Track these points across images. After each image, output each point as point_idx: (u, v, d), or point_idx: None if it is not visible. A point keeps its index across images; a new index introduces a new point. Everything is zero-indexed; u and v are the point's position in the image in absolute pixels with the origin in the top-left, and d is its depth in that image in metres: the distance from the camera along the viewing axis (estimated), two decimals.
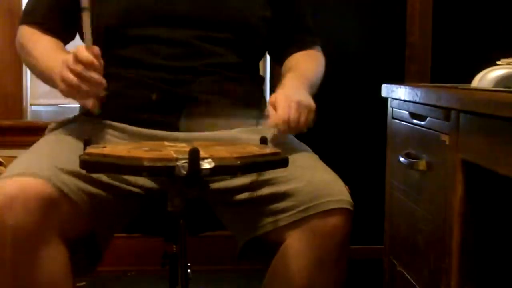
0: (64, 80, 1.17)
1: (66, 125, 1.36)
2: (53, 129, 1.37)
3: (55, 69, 1.21)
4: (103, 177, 1.19)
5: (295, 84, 1.33)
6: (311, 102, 1.26)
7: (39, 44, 1.35)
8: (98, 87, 1.17)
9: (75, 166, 1.09)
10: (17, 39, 1.41)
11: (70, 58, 1.16)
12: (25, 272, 1.09)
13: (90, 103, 1.20)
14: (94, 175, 1.17)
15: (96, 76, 1.15)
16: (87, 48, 1.16)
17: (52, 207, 1.08)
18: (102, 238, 1.23)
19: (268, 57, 2.10)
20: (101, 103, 1.22)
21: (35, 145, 1.27)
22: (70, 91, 1.18)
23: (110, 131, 1.32)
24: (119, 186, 1.21)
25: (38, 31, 1.38)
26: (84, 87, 1.16)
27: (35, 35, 1.38)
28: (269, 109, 1.24)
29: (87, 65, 1.14)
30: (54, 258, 1.11)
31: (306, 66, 1.45)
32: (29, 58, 1.36)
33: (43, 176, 1.09)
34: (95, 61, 1.15)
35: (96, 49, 1.16)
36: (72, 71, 1.15)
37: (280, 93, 1.27)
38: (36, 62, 1.33)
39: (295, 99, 1.23)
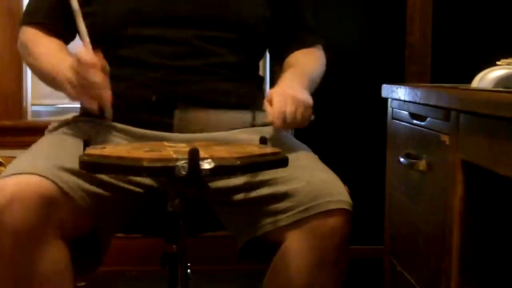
0: (70, 82, 1.19)
1: (66, 125, 1.36)
2: (53, 130, 1.37)
3: (60, 73, 1.23)
4: (103, 176, 1.18)
5: (293, 80, 1.33)
6: (308, 98, 1.26)
7: (42, 47, 1.35)
8: (102, 88, 1.18)
9: (75, 165, 1.08)
10: (19, 42, 1.40)
11: (74, 61, 1.17)
12: (25, 270, 1.09)
13: (95, 105, 1.21)
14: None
15: (99, 77, 1.17)
16: (89, 50, 1.17)
17: (51, 205, 1.08)
18: (104, 236, 1.23)
19: (268, 57, 2.10)
20: (112, 105, 1.23)
21: (34, 145, 1.27)
22: (76, 93, 1.19)
23: (110, 131, 1.31)
24: (120, 185, 1.21)
25: (40, 32, 1.38)
26: (89, 88, 1.17)
27: (37, 37, 1.38)
28: (265, 104, 1.24)
29: (90, 67, 1.15)
30: (54, 256, 1.11)
31: (305, 63, 1.45)
32: (33, 61, 1.36)
33: (42, 174, 1.08)
34: (97, 62, 1.16)
35: (97, 52, 1.18)
36: (76, 74, 1.16)
37: (276, 89, 1.28)
38: (40, 65, 1.33)
39: (291, 93, 1.23)
